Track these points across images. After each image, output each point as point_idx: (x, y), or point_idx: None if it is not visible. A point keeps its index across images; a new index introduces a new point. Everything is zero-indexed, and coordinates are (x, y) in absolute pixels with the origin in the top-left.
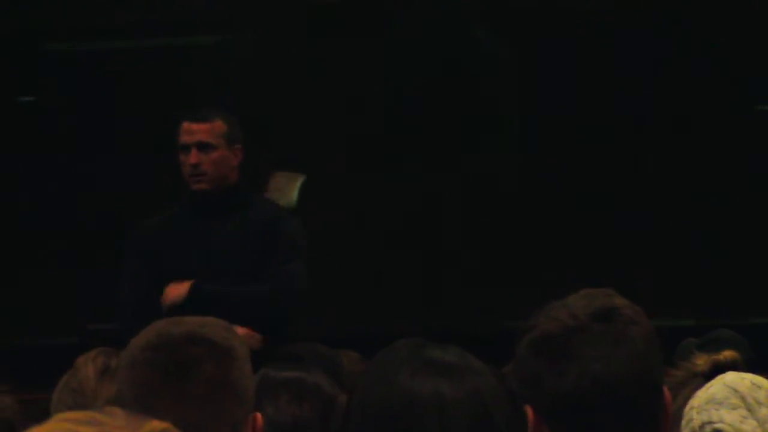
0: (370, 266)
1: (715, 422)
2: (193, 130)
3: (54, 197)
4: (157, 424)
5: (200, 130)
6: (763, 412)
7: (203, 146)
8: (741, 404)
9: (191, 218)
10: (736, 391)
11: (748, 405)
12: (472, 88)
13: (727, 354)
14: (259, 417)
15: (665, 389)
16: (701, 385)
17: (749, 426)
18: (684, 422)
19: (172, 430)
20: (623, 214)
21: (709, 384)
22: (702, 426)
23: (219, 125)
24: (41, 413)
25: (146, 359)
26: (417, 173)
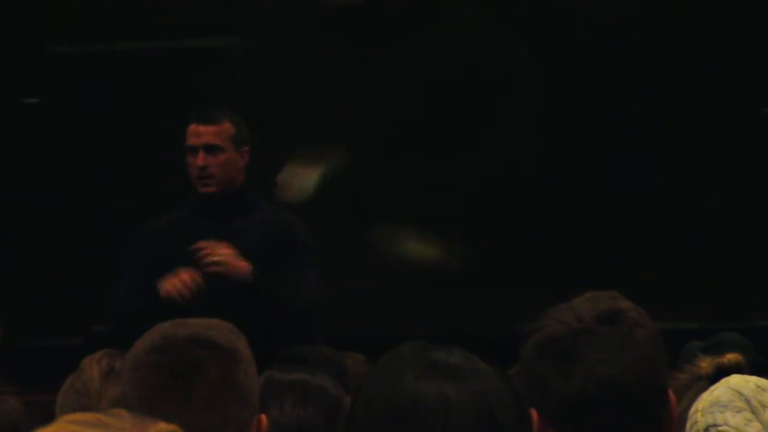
0: (373, 267)
1: (720, 425)
2: (201, 132)
3: (58, 198)
4: (164, 426)
5: (208, 132)
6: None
7: (211, 148)
8: (745, 407)
9: (197, 220)
10: (741, 394)
11: (753, 408)
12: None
13: (731, 357)
14: (264, 419)
15: (670, 392)
16: (705, 388)
17: (754, 429)
18: (689, 425)
19: None
20: (627, 216)
21: (714, 387)
22: (707, 429)
23: (227, 127)
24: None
25: (151, 361)
26: (418, 172)
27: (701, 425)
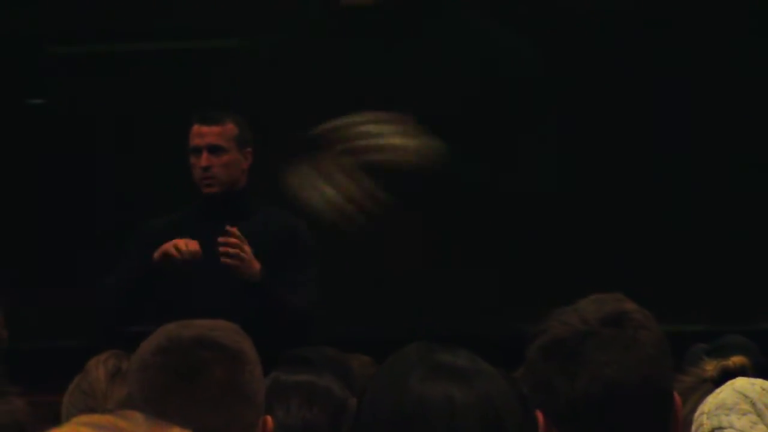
0: (378, 267)
1: (725, 427)
2: (204, 133)
3: (65, 199)
4: (178, 431)
5: (211, 133)
6: None
7: (214, 149)
8: (751, 410)
9: (199, 221)
10: (746, 397)
11: (758, 410)
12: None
13: (736, 360)
14: (270, 420)
15: (676, 394)
16: (710, 391)
17: (759, 431)
18: (694, 428)
19: None
20: (632, 217)
21: (719, 389)
22: (712, 431)
23: (230, 128)
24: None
25: (156, 363)
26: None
27: (706, 428)
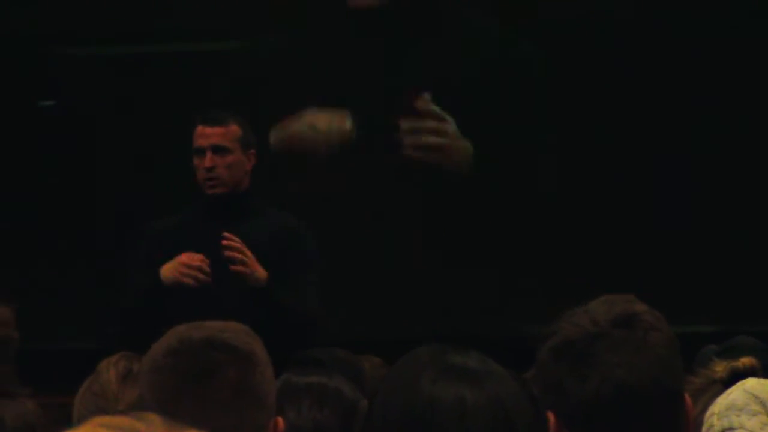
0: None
1: (736, 428)
2: (208, 134)
3: (73, 200)
4: None
5: (215, 134)
6: None
7: (218, 150)
8: (761, 410)
9: (202, 222)
10: (757, 397)
11: None
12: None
13: (746, 361)
14: (281, 422)
15: (686, 396)
16: (720, 392)
17: None
18: (704, 428)
19: None
20: (642, 219)
21: (730, 390)
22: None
23: (234, 129)
24: (63, 417)
25: (167, 364)
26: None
27: (717, 429)
